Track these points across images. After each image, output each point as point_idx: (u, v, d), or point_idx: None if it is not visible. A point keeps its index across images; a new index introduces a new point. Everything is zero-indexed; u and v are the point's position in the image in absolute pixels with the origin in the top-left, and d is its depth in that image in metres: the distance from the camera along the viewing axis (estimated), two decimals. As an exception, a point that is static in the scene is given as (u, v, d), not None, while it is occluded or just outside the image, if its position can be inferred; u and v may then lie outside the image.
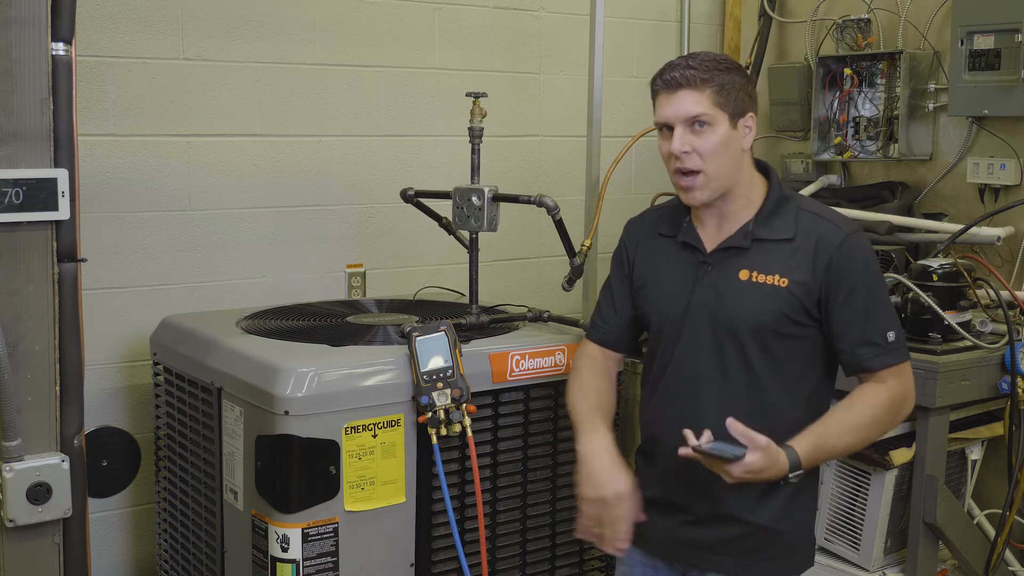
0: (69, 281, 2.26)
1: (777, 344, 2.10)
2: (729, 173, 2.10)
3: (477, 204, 2.73)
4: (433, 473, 2.41)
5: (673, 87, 2.07)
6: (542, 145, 3.87)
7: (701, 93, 2.05)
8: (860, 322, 2.08)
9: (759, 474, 1.96)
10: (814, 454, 2.03)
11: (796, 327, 2.10)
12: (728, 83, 2.07)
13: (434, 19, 3.58)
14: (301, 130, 3.35)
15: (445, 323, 2.47)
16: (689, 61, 2.09)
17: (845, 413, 2.09)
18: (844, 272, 2.08)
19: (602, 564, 2.80)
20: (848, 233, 2.10)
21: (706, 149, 2.06)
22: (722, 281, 2.13)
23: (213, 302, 3.22)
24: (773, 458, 1.96)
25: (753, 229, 2.13)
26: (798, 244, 2.10)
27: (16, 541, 2.24)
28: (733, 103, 2.07)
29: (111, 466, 3.06)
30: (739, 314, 2.10)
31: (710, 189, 2.10)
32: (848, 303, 2.08)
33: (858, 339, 2.09)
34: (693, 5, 4.16)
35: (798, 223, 2.12)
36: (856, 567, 2.95)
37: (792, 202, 2.16)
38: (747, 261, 2.12)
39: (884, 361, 2.09)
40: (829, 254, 2.08)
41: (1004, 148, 3.40)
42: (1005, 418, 2.93)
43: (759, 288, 2.10)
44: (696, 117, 2.05)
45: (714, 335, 2.13)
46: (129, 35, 3.05)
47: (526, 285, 3.85)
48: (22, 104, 2.16)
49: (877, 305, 2.10)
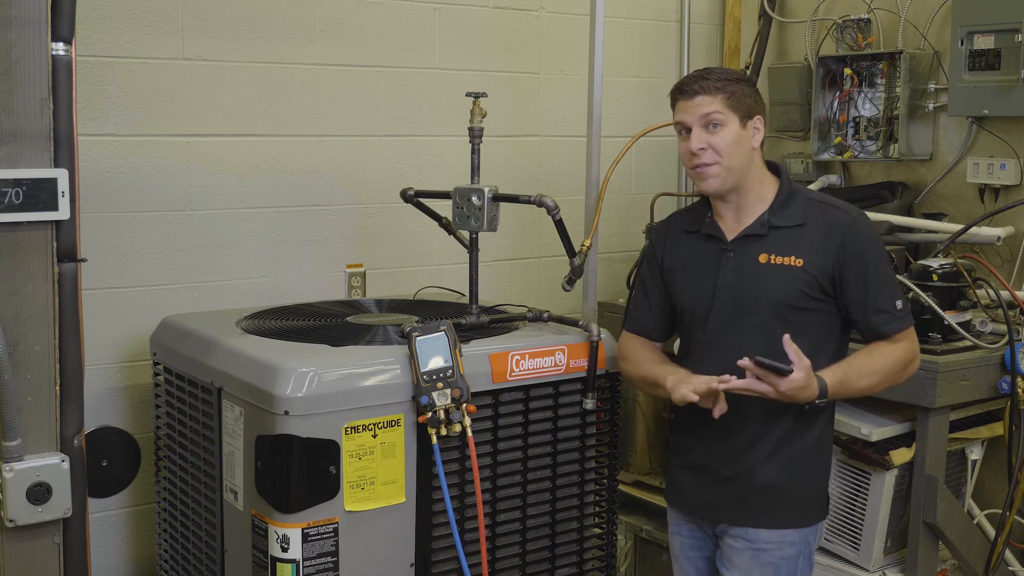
0: (69, 281, 2.26)
1: (796, 317, 2.36)
2: (740, 166, 2.38)
3: (477, 204, 2.73)
4: (433, 473, 2.41)
5: (690, 95, 2.38)
6: (542, 145, 3.87)
7: (714, 98, 2.35)
8: (873, 294, 2.36)
9: (798, 392, 2.24)
10: (839, 387, 2.31)
11: (812, 302, 2.36)
12: (737, 91, 2.38)
13: (434, 19, 3.58)
14: (301, 130, 3.35)
15: (445, 323, 2.47)
16: (704, 74, 2.40)
17: (867, 358, 2.37)
18: (855, 251, 2.35)
19: (602, 564, 2.80)
20: (854, 217, 2.40)
21: (720, 145, 2.35)
22: (743, 265, 2.40)
23: (213, 302, 3.22)
24: (811, 380, 2.25)
25: (768, 218, 2.41)
26: (809, 229, 2.38)
27: (16, 541, 2.24)
28: (742, 106, 2.37)
29: (111, 466, 3.06)
30: (761, 292, 2.37)
31: (722, 178, 2.38)
32: (862, 278, 2.35)
33: (873, 309, 2.36)
34: (693, 5, 4.16)
35: (807, 211, 2.40)
36: (856, 567, 2.95)
37: (800, 194, 2.45)
38: (765, 246, 2.39)
39: (896, 326, 2.37)
40: (841, 236, 2.36)
41: (1004, 148, 3.40)
42: (1005, 418, 2.93)
43: (777, 269, 2.37)
44: (710, 116, 2.35)
45: (739, 313, 2.39)
46: (129, 35, 3.05)
47: (526, 285, 3.85)
48: (22, 104, 2.16)
49: (885, 278, 2.38)
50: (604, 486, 2.78)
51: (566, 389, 2.67)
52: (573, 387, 2.68)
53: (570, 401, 2.68)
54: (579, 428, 2.70)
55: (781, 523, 2.42)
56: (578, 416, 2.70)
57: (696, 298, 2.46)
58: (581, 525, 2.75)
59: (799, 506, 2.43)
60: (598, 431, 2.75)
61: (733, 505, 2.44)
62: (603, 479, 2.77)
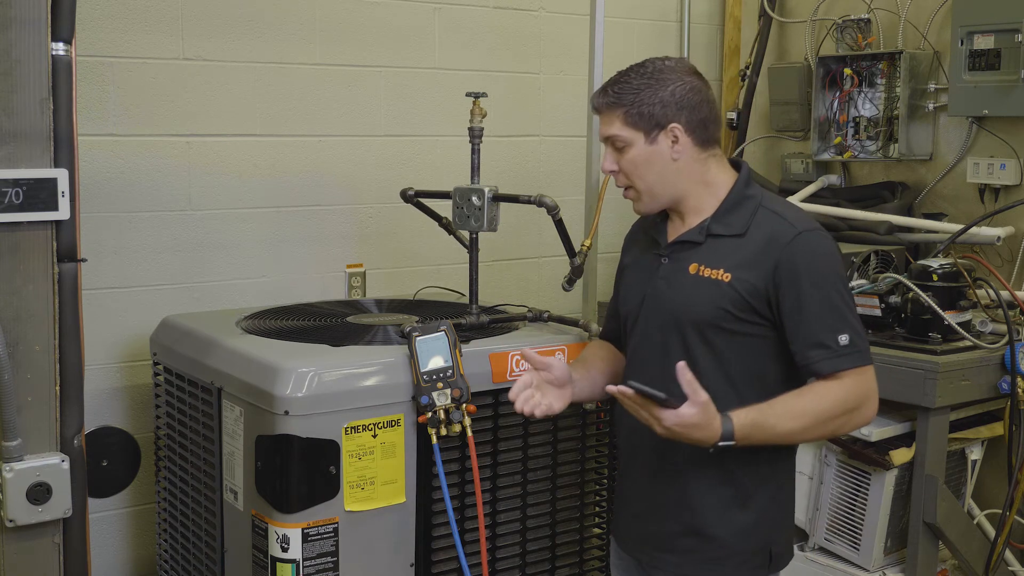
0: (69, 281, 2.25)
1: (720, 339, 2.06)
2: (663, 184, 2.11)
3: (477, 204, 2.73)
4: (433, 473, 2.41)
5: (595, 111, 2.17)
6: (542, 145, 3.87)
7: (612, 116, 2.10)
8: (808, 324, 2.01)
9: (690, 431, 1.92)
10: (751, 430, 1.97)
11: (740, 323, 2.05)
12: (636, 101, 2.07)
13: (434, 19, 3.58)
14: (301, 130, 3.35)
15: (445, 323, 2.47)
16: (607, 86, 2.13)
17: (793, 399, 2.01)
18: (791, 271, 2.02)
19: (602, 564, 2.80)
20: (801, 231, 2.04)
21: (627, 167, 2.11)
22: (674, 274, 2.14)
23: (213, 302, 3.22)
24: (708, 419, 1.92)
25: (710, 224, 2.12)
26: (748, 240, 2.07)
27: (16, 541, 2.24)
28: (646, 119, 2.07)
29: (111, 466, 3.06)
30: (681, 307, 2.10)
31: (649, 199, 2.14)
32: (796, 304, 2.02)
33: (808, 341, 2.01)
34: (693, 5, 4.16)
35: (754, 220, 2.08)
36: (856, 567, 2.95)
37: (754, 200, 2.12)
38: (698, 255, 2.11)
39: (835, 365, 2.00)
40: (778, 252, 2.03)
41: (1004, 148, 3.40)
42: (1005, 418, 2.93)
43: (703, 282, 2.08)
44: (610, 139, 2.12)
45: (662, 326, 2.13)
46: (129, 35, 3.05)
47: (526, 285, 3.85)
48: (22, 104, 2.16)
49: (828, 306, 2.01)
50: (604, 486, 2.78)
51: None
52: (573, 387, 2.68)
53: (570, 401, 2.68)
54: (579, 428, 2.70)
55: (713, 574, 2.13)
56: (578, 416, 2.70)
57: (629, 304, 2.23)
58: (581, 525, 2.75)
59: (733, 558, 2.11)
60: (598, 431, 2.75)
61: (650, 544, 2.20)
62: (603, 479, 2.77)
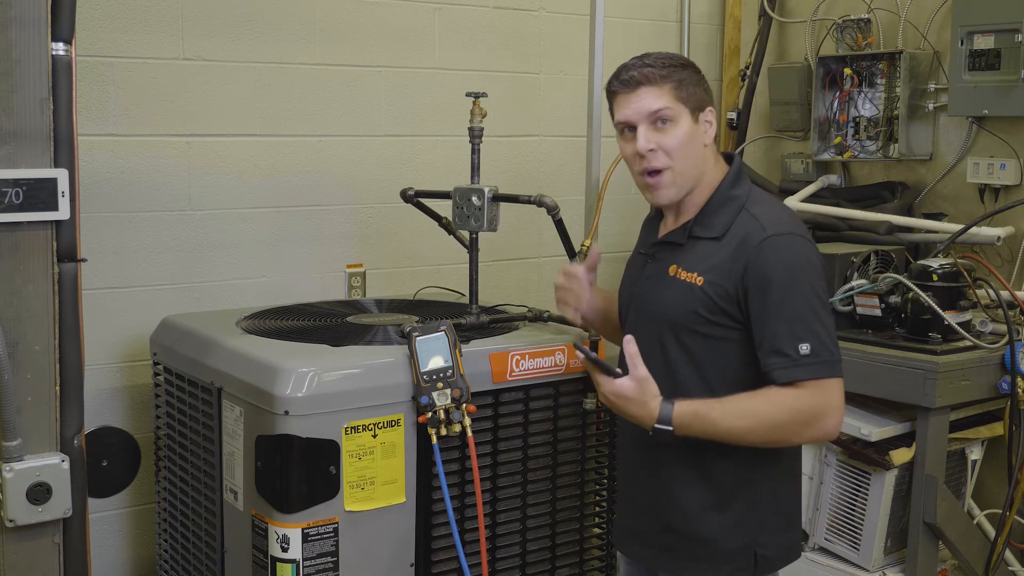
0: (69, 281, 2.25)
1: (694, 342, 2.05)
2: (693, 168, 2.08)
3: (477, 204, 2.73)
4: (433, 473, 2.41)
5: (632, 86, 2.06)
6: (542, 145, 3.87)
7: (661, 89, 2.03)
8: (770, 330, 1.97)
9: (625, 404, 2.00)
10: (691, 419, 1.97)
11: (714, 327, 2.03)
12: (685, 78, 2.05)
13: (434, 19, 3.58)
14: (301, 130, 3.35)
15: (445, 323, 2.47)
16: (644, 60, 2.07)
17: (744, 399, 1.98)
18: (758, 275, 1.98)
19: (602, 564, 2.80)
20: (771, 234, 1.99)
21: (672, 145, 2.03)
22: (657, 275, 2.14)
23: (213, 302, 3.22)
24: (644, 396, 1.98)
25: (691, 227, 2.10)
26: (723, 243, 2.04)
27: (16, 541, 2.24)
28: (693, 98, 2.05)
29: (111, 466, 3.06)
30: (659, 308, 2.11)
31: (676, 187, 2.08)
32: (760, 308, 1.98)
33: (768, 347, 1.97)
34: (693, 5, 4.16)
35: (734, 222, 2.05)
36: (856, 567, 2.95)
37: (738, 201, 2.08)
38: (678, 257, 2.10)
39: (791, 375, 1.95)
40: (747, 255, 1.99)
41: (1004, 148, 3.40)
42: (1005, 418, 2.93)
43: (679, 285, 2.07)
44: (658, 112, 2.03)
45: (643, 325, 2.14)
46: (129, 35, 3.05)
47: (526, 285, 3.85)
48: (22, 104, 2.15)
49: (792, 313, 1.96)
50: (604, 486, 2.78)
51: (566, 389, 2.67)
52: (573, 387, 2.68)
53: (570, 401, 2.68)
54: (579, 428, 2.70)
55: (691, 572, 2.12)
56: (578, 416, 2.70)
57: (621, 299, 2.27)
58: (581, 525, 2.75)
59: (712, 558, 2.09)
60: (598, 431, 2.75)
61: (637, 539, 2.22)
62: (603, 479, 2.77)
